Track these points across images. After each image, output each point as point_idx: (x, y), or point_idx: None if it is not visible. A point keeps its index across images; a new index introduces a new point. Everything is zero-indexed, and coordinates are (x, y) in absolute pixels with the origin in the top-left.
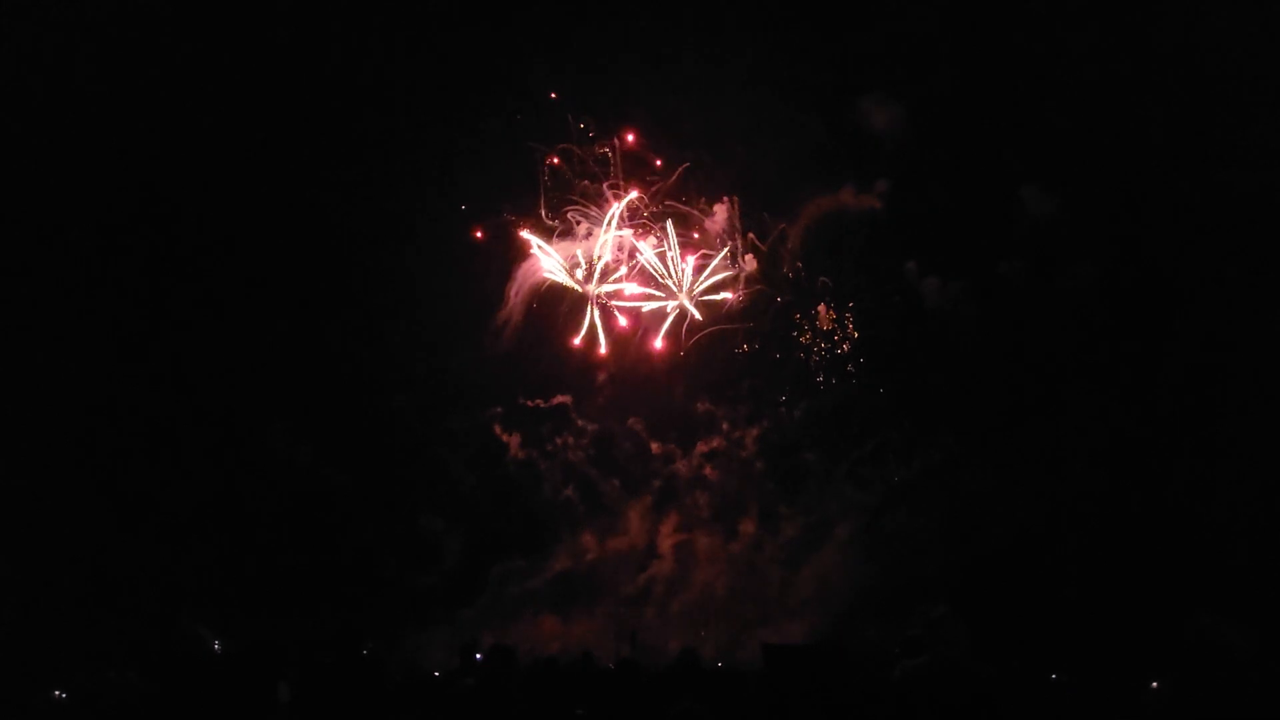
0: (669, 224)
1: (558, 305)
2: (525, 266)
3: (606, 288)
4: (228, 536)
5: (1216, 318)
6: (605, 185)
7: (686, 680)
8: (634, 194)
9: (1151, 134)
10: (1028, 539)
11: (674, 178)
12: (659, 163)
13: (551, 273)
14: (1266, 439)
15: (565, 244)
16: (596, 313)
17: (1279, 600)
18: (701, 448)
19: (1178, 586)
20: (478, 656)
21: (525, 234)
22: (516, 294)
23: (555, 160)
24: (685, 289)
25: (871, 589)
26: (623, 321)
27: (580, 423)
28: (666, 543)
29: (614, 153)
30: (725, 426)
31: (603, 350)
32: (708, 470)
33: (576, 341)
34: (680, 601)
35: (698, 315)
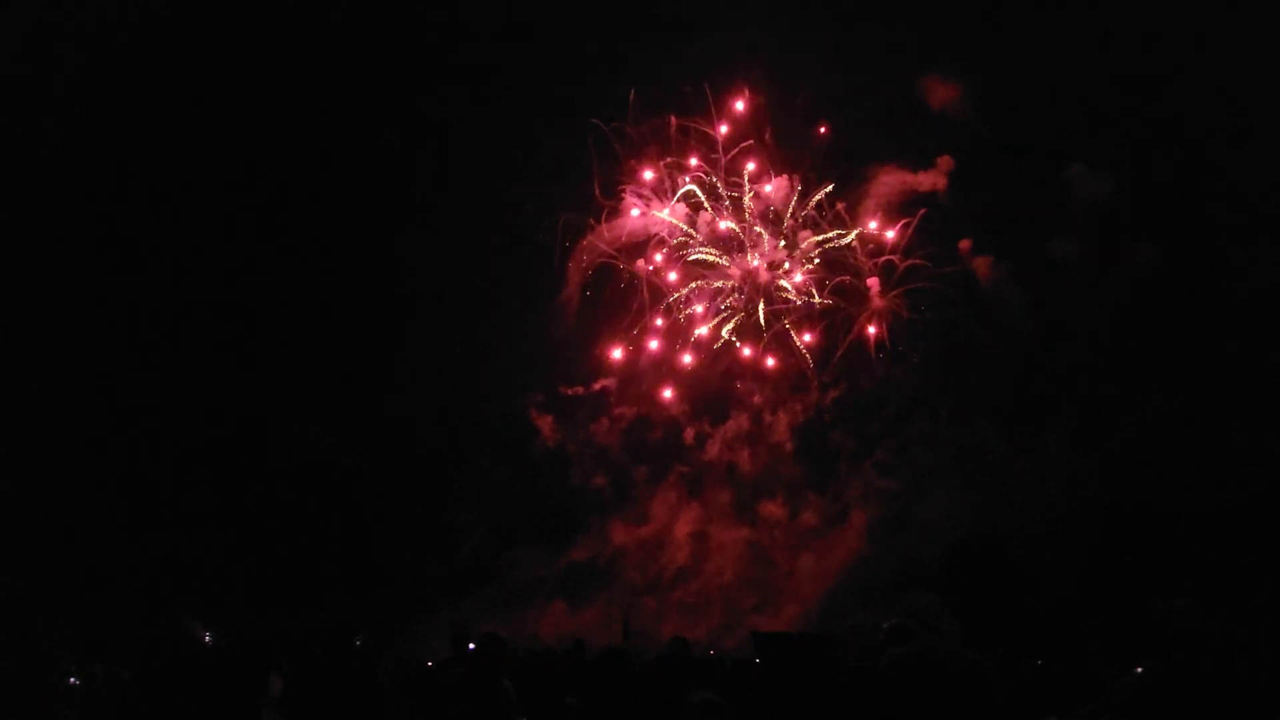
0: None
1: (613, 287)
2: (582, 246)
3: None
4: (224, 526)
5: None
6: (662, 163)
7: (675, 668)
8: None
9: (1212, 116)
10: (1033, 528)
11: (734, 151)
12: (722, 136)
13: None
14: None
15: (619, 222)
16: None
17: (1256, 586)
18: (733, 429)
19: (1164, 575)
20: (470, 646)
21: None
22: (575, 275)
23: (609, 136)
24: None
25: (871, 576)
26: (698, 310)
27: (618, 410)
28: (683, 531)
29: (670, 129)
30: (758, 401)
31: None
32: (736, 455)
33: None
34: (683, 590)
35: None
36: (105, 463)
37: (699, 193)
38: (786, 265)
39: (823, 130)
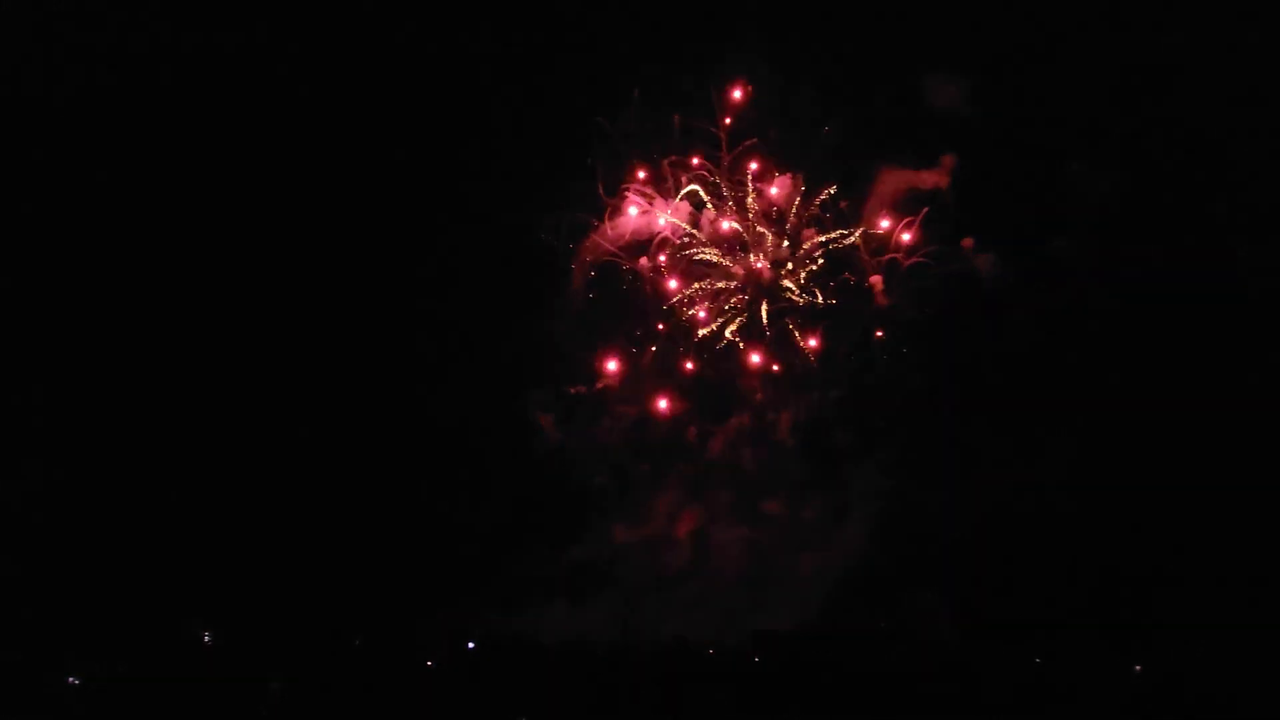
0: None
1: (616, 286)
2: (586, 245)
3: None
4: (224, 526)
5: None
6: (666, 162)
7: (677, 667)
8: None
9: (1214, 115)
10: (1034, 528)
11: (737, 150)
12: (724, 135)
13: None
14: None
15: (621, 221)
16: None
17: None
18: (735, 428)
19: (1165, 575)
20: (470, 645)
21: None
22: (579, 274)
23: (613, 136)
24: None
25: (871, 576)
26: (702, 316)
27: (621, 409)
28: (685, 530)
29: (673, 128)
30: (760, 399)
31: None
32: (738, 453)
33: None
34: (685, 589)
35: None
36: (106, 464)
37: (702, 192)
38: (789, 265)
39: (826, 130)
